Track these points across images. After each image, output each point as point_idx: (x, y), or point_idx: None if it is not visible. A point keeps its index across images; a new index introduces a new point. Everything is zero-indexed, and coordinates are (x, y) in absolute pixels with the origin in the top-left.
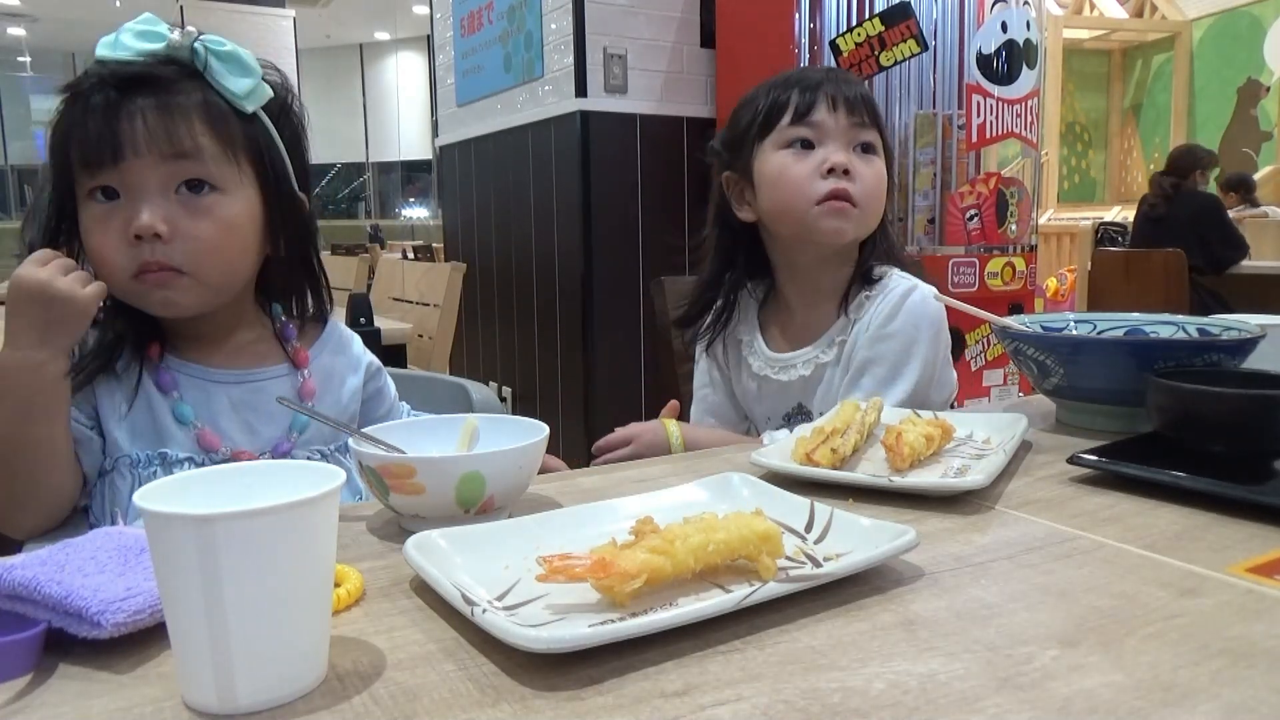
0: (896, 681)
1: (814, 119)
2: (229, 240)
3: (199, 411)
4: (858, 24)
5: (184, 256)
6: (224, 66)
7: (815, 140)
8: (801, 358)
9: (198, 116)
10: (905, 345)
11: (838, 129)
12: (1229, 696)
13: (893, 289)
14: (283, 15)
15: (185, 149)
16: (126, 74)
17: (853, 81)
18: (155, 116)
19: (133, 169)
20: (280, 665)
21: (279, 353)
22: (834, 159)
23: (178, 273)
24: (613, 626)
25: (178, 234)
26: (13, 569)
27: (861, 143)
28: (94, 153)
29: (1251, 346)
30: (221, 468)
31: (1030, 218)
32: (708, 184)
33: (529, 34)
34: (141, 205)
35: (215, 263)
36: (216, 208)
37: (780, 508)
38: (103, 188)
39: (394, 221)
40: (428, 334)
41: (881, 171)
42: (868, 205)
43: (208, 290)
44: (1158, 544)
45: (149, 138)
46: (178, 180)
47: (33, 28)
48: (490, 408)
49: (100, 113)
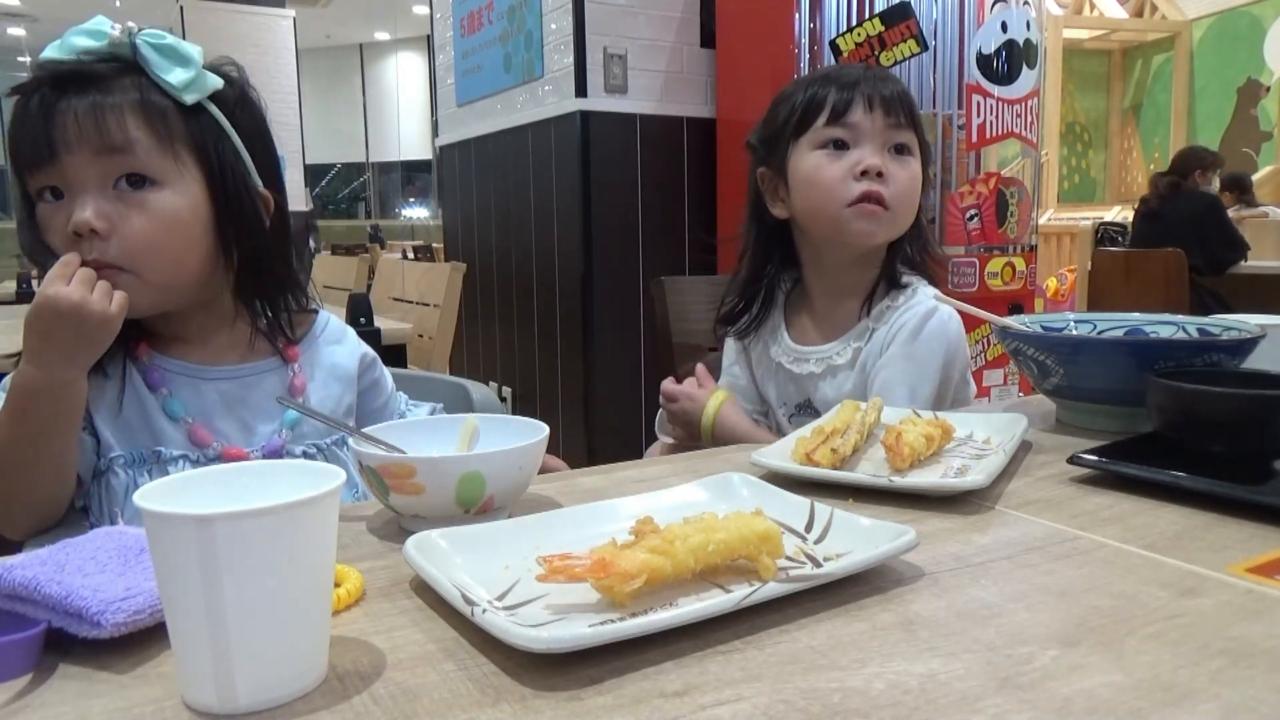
0: (896, 681)
1: (850, 119)
2: (170, 237)
3: (189, 408)
4: (858, 24)
5: (122, 253)
6: (161, 59)
7: (850, 141)
8: (816, 354)
9: (130, 110)
10: (922, 370)
11: (873, 130)
12: (1229, 696)
13: (915, 307)
14: (283, 15)
15: (116, 143)
16: (61, 72)
17: (890, 80)
18: (86, 111)
19: (69, 166)
20: (280, 665)
21: (268, 347)
22: (868, 161)
23: (118, 270)
24: (613, 626)
25: (115, 230)
26: (13, 569)
27: (896, 144)
28: (32, 152)
29: (1251, 346)
30: (221, 467)
31: (1030, 218)
32: (707, 184)
33: (529, 34)
34: (79, 202)
35: (156, 260)
36: (154, 202)
37: (780, 508)
38: (50, 187)
39: (394, 221)
40: (428, 334)
41: (916, 173)
42: (899, 208)
43: (152, 289)
44: (1158, 544)
45: (79, 133)
46: (115, 175)
47: (33, 28)
48: (490, 408)
49: (37, 113)
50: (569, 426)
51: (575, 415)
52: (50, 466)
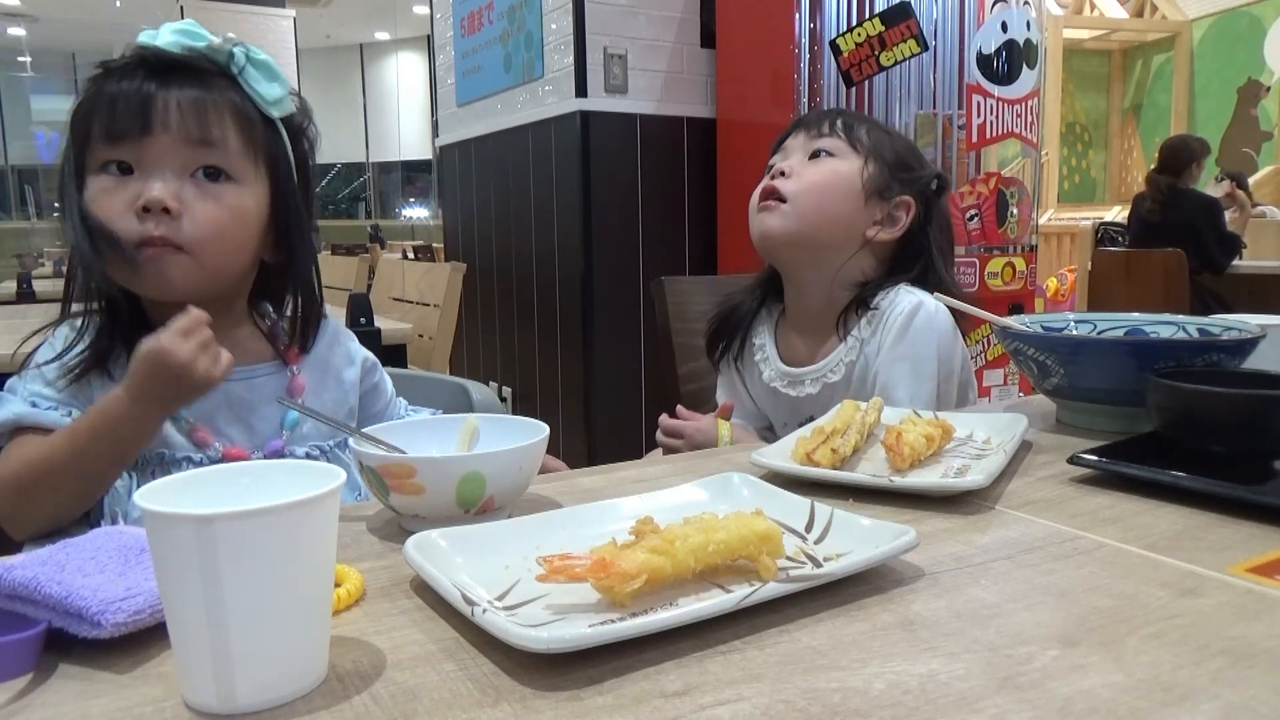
0: (896, 681)
1: (785, 144)
2: (235, 227)
3: (193, 409)
4: (858, 24)
5: (188, 234)
6: (256, 72)
7: (781, 160)
8: (810, 374)
9: (229, 111)
10: (916, 366)
11: (797, 145)
12: (1229, 696)
13: (898, 308)
14: (283, 15)
15: (211, 137)
16: (167, 58)
17: (839, 111)
18: (190, 101)
19: (154, 145)
20: (280, 665)
21: (271, 350)
22: (777, 167)
23: (178, 250)
24: (613, 626)
25: (186, 211)
26: (13, 569)
27: (814, 150)
28: (118, 124)
29: (1251, 346)
30: (222, 467)
31: (1030, 218)
32: (707, 184)
33: (529, 34)
34: (155, 180)
35: (217, 246)
36: (227, 195)
37: (780, 508)
38: (118, 161)
39: (394, 221)
40: (428, 334)
41: (832, 170)
42: (800, 199)
43: (202, 273)
44: (1158, 544)
45: (180, 118)
46: (196, 165)
47: (33, 28)
48: (490, 408)
49: (137, 88)
50: (569, 426)
51: (575, 415)
52: (98, 486)
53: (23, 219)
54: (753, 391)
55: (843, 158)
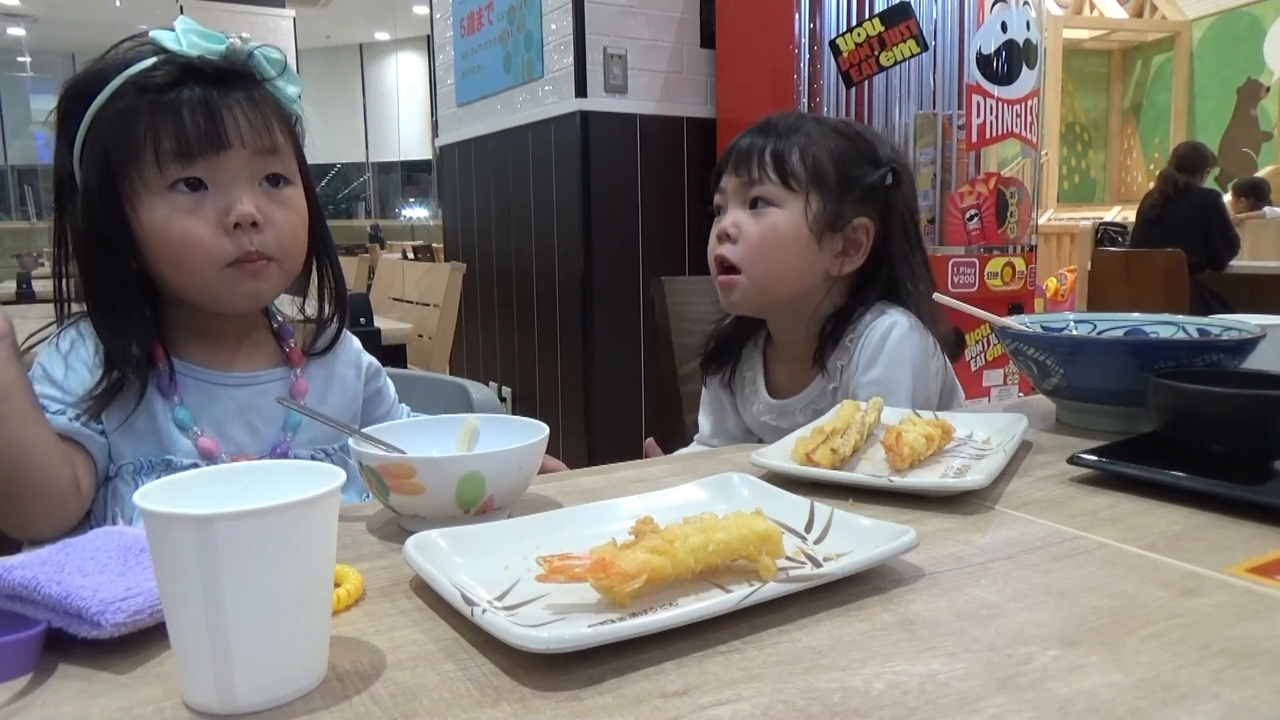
0: (896, 681)
1: (722, 185)
2: (304, 230)
3: (202, 416)
4: (858, 24)
5: (274, 245)
6: (274, 72)
7: (723, 205)
8: (799, 404)
9: (275, 115)
10: (888, 389)
11: (733, 190)
12: (1229, 696)
13: (872, 330)
14: (283, 15)
15: (275, 145)
16: (217, 68)
17: (765, 136)
18: (251, 111)
19: (230, 160)
20: (280, 665)
21: (280, 354)
22: (720, 226)
23: (268, 260)
24: (613, 626)
25: (268, 223)
26: (13, 569)
27: (752, 198)
28: (195, 141)
29: (1251, 346)
30: (221, 467)
31: (1030, 218)
32: (708, 184)
33: (529, 34)
34: (238, 195)
35: (295, 251)
36: (293, 199)
37: (780, 508)
38: (187, 179)
39: (394, 221)
40: (428, 334)
41: (772, 225)
42: (753, 267)
43: (285, 280)
44: (1158, 544)
45: (250, 131)
46: (263, 174)
47: (33, 28)
48: (490, 408)
49: (201, 103)
50: (569, 426)
51: (575, 415)
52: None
53: (22, 219)
54: (745, 420)
55: (782, 205)
